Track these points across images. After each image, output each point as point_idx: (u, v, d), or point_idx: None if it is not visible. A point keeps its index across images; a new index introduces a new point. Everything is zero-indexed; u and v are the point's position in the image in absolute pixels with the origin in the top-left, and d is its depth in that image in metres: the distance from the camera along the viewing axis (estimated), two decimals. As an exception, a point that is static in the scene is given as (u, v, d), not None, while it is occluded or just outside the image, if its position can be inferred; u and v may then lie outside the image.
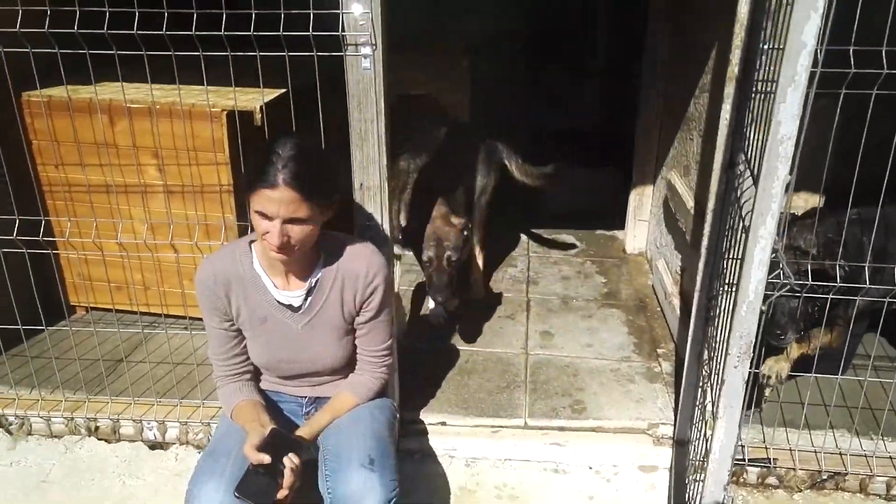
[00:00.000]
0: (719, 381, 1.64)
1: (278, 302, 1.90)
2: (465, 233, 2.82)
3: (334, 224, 1.92)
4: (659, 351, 2.95)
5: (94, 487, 2.32)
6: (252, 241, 1.91)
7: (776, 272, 1.61)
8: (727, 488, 1.52)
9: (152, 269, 2.82)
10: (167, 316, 2.85)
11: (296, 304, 1.90)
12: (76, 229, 2.71)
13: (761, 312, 1.51)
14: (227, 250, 1.93)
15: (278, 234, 1.69)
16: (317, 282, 1.89)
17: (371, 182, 2.04)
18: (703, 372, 2.11)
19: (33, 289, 2.39)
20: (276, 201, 1.65)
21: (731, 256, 1.85)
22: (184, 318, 2.69)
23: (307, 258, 1.88)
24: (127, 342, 2.77)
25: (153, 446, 2.49)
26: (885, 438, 2.31)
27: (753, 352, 1.54)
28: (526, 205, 4.22)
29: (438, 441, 2.45)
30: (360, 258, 1.90)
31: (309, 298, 1.90)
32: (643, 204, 3.84)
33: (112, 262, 2.83)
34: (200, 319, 1.96)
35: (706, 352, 2.13)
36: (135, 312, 2.80)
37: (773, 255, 1.54)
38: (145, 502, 2.27)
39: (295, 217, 1.68)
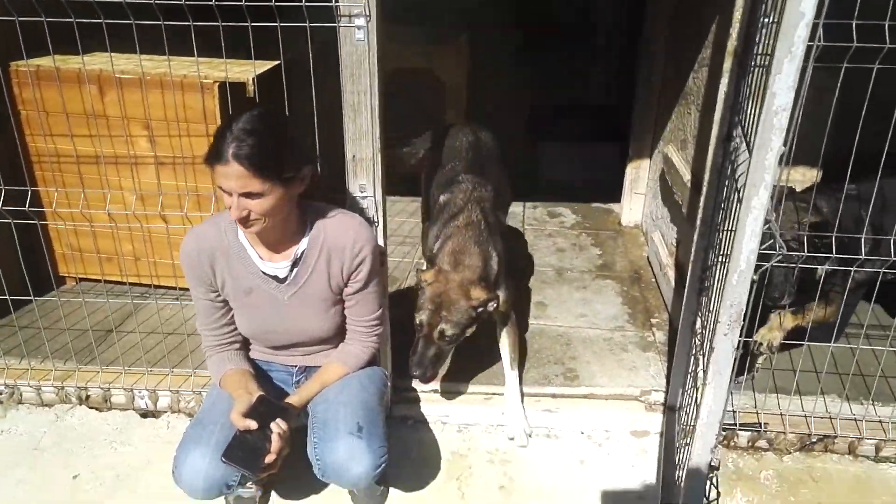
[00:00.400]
0: (709, 349, 1.64)
1: (263, 273, 1.89)
2: (480, 311, 2.22)
3: (325, 195, 1.91)
4: (653, 321, 2.95)
5: (85, 454, 2.32)
6: None
7: (769, 242, 1.60)
8: (714, 451, 1.52)
9: (142, 239, 2.80)
10: (157, 287, 2.84)
11: (281, 276, 1.89)
12: (64, 199, 2.68)
13: (752, 282, 1.50)
14: (212, 222, 1.91)
15: (237, 209, 1.69)
16: (302, 253, 1.88)
17: (363, 154, 2.02)
18: (696, 341, 2.11)
19: (20, 260, 2.37)
20: (229, 177, 1.65)
21: (725, 228, 1.84)
22: (174, 288, 2.68)
23: (290, 229, 1.86)
24: (117, 313, 2.76)
25: (144, 415, 2.49)
26: (876, 403, 2.32)
27: (744, 321, 1.53)
28: (522, 177, 4.20)
29: (431, 408, 2.46)
30: (346, 230, 1.89)
31: (294, 270, 1.89)
32: (640, 177, 3.82)
33: (101, 233, 2.81)
34: (189, 289, 1.96)
35: (699, 321, 2.12)
36: (124, 283, 2.79)
37: (767, 226, 1.53)
38: (138, 469, 2.27)
39: (249, 192, 1.67)
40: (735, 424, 2.29)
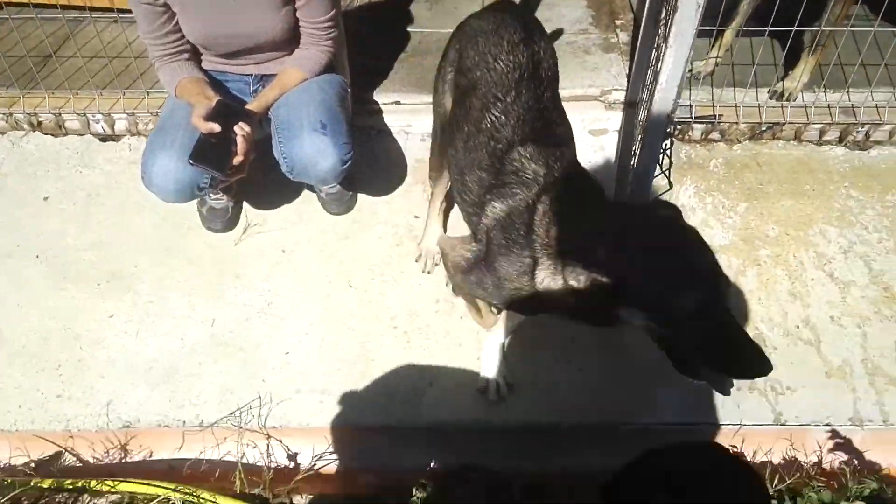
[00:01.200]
0: (673, 9, 1.59)
1: None
2: None
3: None
4: (617, 22, 2.85)
5: (51, 177, 2.33)
6: None
7: None
8: (671, 117, 1.56)
9: (63, -48, 2.51)
10: (92, 9, 2.61)
11: None
12: None
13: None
14: None
15: None
16: None
17: None
18: (659, 31, 2.06)
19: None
20: None
21: None
22: (111, 10, 2.47)
23: None
24: (52, 37, 2.57)
25: (104, 139, 2.45)
26: (828, 90, 2.37)
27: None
28: None
29: (393, 119, 2.46)
30: None
31: None
32: None
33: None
34: (129, 11, 1.81)
35: (664, 10, 2.05)
36: (55, 6, 2.55)
37: None
38: (107, 189, 2.31)
39: None
40: (691, 118, 2.35)
